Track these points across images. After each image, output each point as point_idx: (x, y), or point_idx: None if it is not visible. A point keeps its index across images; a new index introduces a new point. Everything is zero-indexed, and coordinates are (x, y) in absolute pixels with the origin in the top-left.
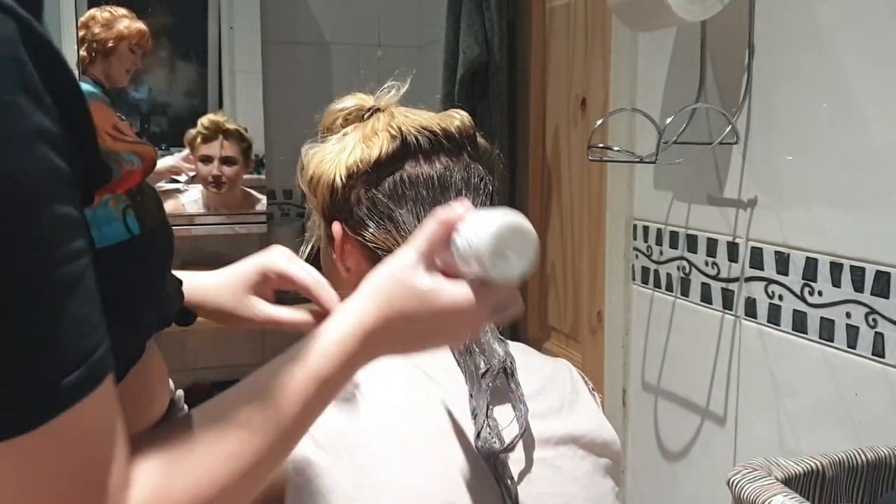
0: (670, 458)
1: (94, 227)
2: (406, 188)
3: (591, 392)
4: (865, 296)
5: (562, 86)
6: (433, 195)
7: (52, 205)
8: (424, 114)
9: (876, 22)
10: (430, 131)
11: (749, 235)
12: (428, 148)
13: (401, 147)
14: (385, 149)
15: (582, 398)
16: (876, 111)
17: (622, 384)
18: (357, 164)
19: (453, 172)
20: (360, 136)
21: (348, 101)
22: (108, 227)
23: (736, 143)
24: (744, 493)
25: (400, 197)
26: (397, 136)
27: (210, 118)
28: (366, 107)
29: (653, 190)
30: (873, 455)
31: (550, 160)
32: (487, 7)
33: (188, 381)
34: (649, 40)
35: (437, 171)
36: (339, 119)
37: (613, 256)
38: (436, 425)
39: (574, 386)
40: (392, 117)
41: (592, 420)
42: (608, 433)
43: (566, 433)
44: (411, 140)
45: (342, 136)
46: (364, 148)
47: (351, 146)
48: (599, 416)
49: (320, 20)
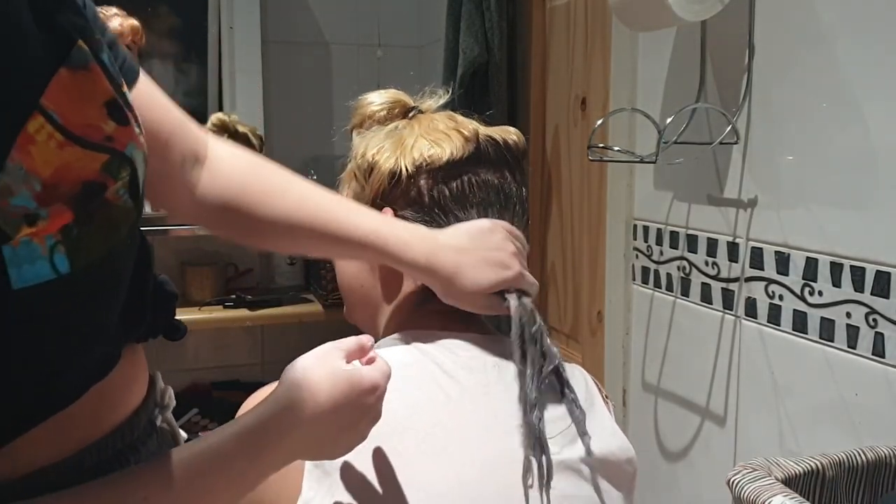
0: (670, 458)
1: (13, 265)
2: (476, 191)
3: (605, 400)
4: (866, 296)
5: (562, 86)
6: (500, 204)
7: None
8: (479, 123)
9: (876, 22)
10: (498, 142)
11: (749, 235)
12: (495, 158)
13: (474, 151)
14: (459, 149)
15: (596, 406)
16: (876, 111)
17: (622, 384)
18: (426, 159)
19: (513, 186)
20: (422, 131)
21: (389, 94)
22: (29, 267)
23: (736, 143)
24: (744, 493)
25: (467, 198)
26: (472, 139)
27: (219, 117)
28: (409, 105)
29: (653, 190)
30: (873, 455)
31: (550, 160)
32: (487, 7)
33: (188, 381)
34: (649, 40)
35: (504, 182)
36: (383, 111)
37: (613, 256)
38: (458, 423)
39: (589, 393)
40: (454, 122)
41: (605, 431)
42: (618, 447)
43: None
44: (484, 146)
45: (394, 129)
46: (429, 145)
47: (412, 141)
48: (612, 425)
49: (320, 20)
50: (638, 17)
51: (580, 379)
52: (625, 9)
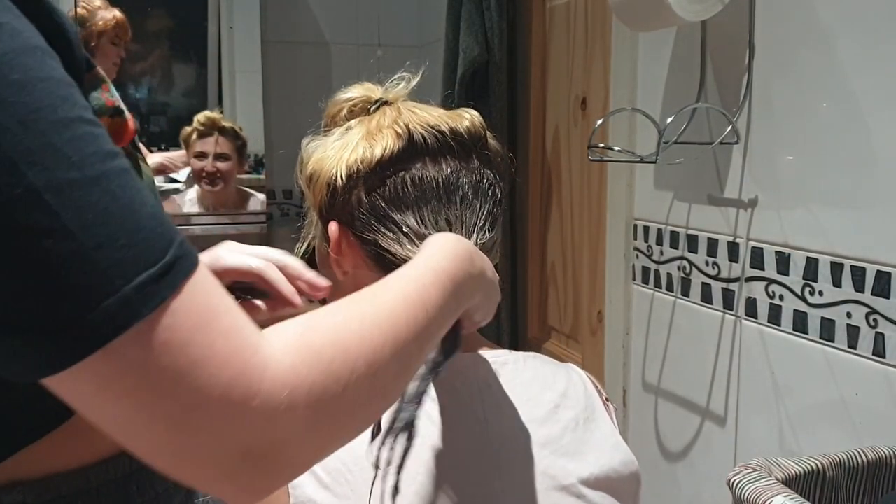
0: (670, 458)
1: None
2: (409, 190)
3: (605, 403)
4: (866, 296)
5: (562, 86)
6: (438, 199)
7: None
8: (433, 110)
9: (876, 22)
10: (438, 131)
11: (749, 235)
12: (435, 149)
13: (407, 146)
14: (389, 148)
15: (597, 416)
16: (876, 111)
17: (622, 384)
18: (358, 164)
19: (460, 176)
20: (365, 132)
21: (355, 90)
22: None
23: (736, 143)
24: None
25: (402, 199)
26: (403, 134)
27: (206, 114)
28: (373, 98)
29: (653, 190)
30: (873, 455)
31: (550, 160)
32: (487, 7)
33: None
34: (649, 40)
35: (444, 174)
36: (345, 110)
37: (613, 256)
38: (444, 449)
39: (588, 401)
40: (399, 113)
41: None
42: (620, 462)
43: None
44: (418, 139)
45: (345, 131)
46: (367, 146)
47: (353, 143)
48: (614, 435)
49: (320, 20)
50: (638, 17)
51: (579, 387)
52: (625, 9)
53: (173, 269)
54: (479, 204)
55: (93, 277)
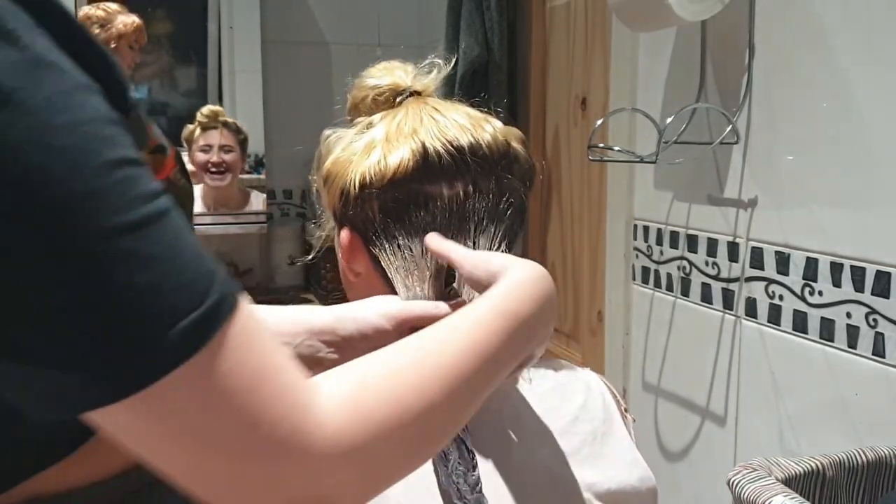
0: (670, 458)
1: None
2: (421, 216)
3: (624, 415)
4: (866, 296)
5: (562, 86)
6: (448, 227)
7: (126, 148)
8: (457, 114)
9: (876, 22)
10: (456, 147)
11: (749, 235)
12: (452, 170)
13: (421, 165)
14: (404, 165)
15: (615, 430)
16: (876, 111)
17: (622, 384)
18: (372, 177)
19: (476, 201)
20: (384, 134)
21: (383, 76)
22: None
23: (736, 143)
24: (744, 493)
25: (412, 225)
26: (419, 152)
27: (209, 108)
28: (401, 88)
29: (653, 190)
30: (873, 455)
31: (550, 160)
32: (487, 7)
33: None
34: (649, 40)
35: (458, 200)
36: (370, 97)
37: (613, 256)
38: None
39: (607, 413)
40: (421, 120)
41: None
42: (638, 479)
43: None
44: (433, 160)
45: (366, 128)
46: (382, 156)
47: (371, 146)
48: (632, 450)
49: (320, 20)
50: (638, 17)
51: (597, 399)
52: (625, 9)
53: (216, 311)
54: (495, 228)
55: (136, 324)
